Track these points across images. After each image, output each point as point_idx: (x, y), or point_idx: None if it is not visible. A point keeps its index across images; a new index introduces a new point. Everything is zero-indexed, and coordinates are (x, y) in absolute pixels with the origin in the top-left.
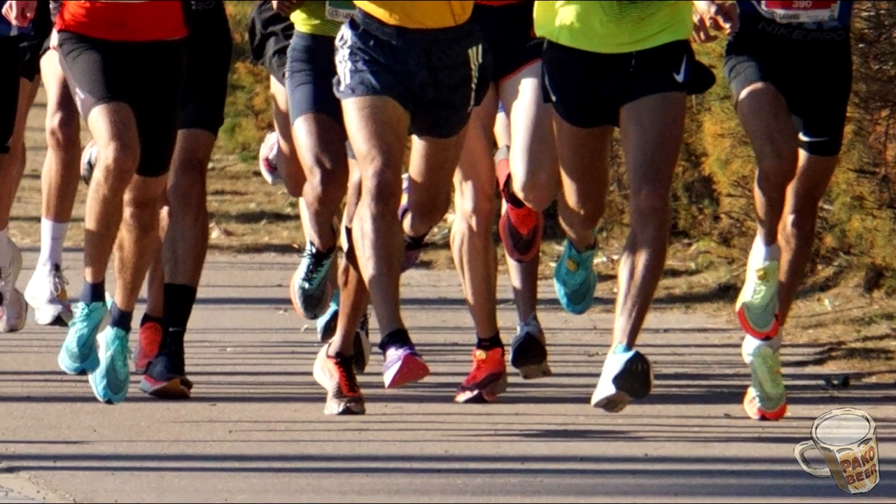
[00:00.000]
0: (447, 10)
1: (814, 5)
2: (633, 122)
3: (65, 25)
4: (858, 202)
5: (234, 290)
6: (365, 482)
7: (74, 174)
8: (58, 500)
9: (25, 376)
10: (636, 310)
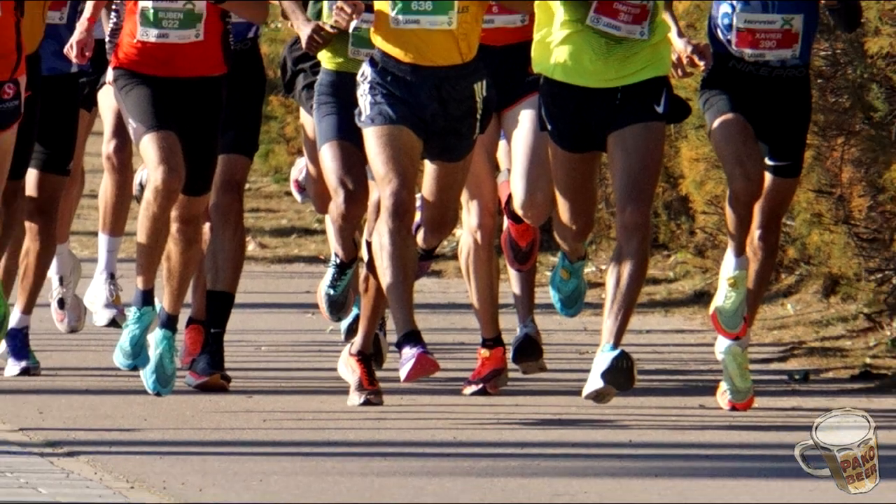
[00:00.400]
0: (455, 49)
1: (778, 45)
2: (619, 148)
3: (119, 63)
4: (817, 219)
5: (267, 297)
6: (383, 465)
7: (127, 194)
8: (113, 481)
9: (84, 372)
10: (621, 313)
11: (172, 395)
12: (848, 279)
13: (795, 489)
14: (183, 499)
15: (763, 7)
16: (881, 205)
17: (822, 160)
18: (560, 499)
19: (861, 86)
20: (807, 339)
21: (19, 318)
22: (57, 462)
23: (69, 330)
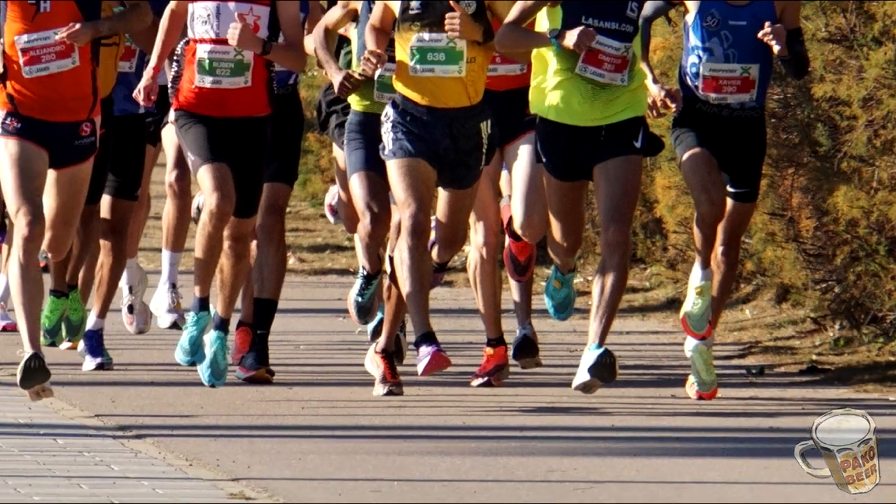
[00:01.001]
0: (464, 94)
1: (738, 90)
2: (603, 178)
3: (179, 105)
4: (771, 237)
5: (305, 303)
6: (403, 446)
7: (187, 216)
8: (174, 460)
9: (150, 367)
10: (605, 317)
11: (225, 386)
12: (797, 288)
13: (753, 466)
14: (233, 475)
15: (725, 58)
16: (825, 225)
17: (776, 188)
18: (553, 475)
19: (808, 125)
20: (762, 339)
21: (95, 322)
22: (127, 443)
23: (137, 331)
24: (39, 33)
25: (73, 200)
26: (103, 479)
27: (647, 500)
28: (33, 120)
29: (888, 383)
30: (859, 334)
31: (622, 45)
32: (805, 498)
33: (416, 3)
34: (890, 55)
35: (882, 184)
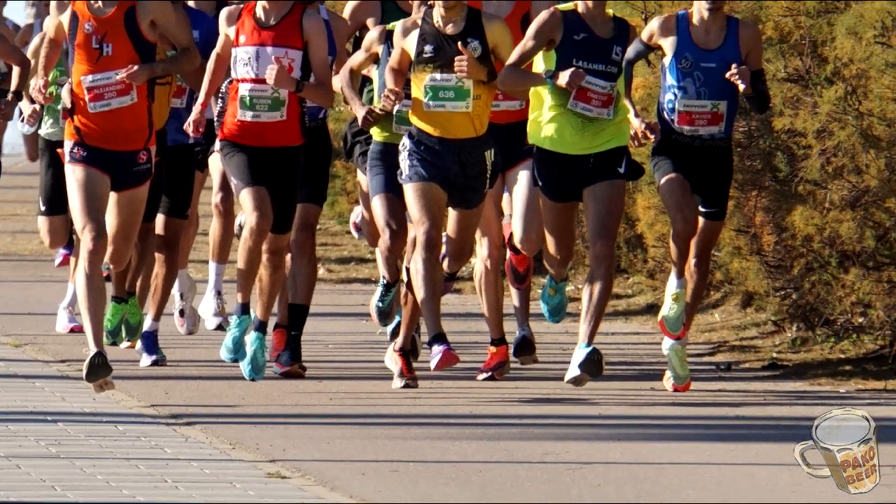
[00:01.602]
0: (471, 126)
1: (708, 123)
2: (592, 199)
3: (224, 136)
4: (737, 251)
5: (333, 308)
6: (419, 431)
7: (230, 233)
8: (219, 444)
9: (198, 363)
10: (593, 320)
11: (263, 380)
12: (759, 295)
13: (721, 449)
14: (270, 457)
15: (697, 95)
16: (784, 241)
17: (741, 208)
18: (548, 457)
19: (769, 153)
20: (729, 339)
21: (150, 324)
22: (178, 430)
23: (187, 332)
24: (103, 74)
25: (132, 219)
26: (157, 460)
27: (629, 478)
28: (97, 149)
29: (839, 377)
30: (814, 335)
31: (608, 84)
32: (767, 476)
33: (429, 47)
34: (840, 93)
35: (833, 204)
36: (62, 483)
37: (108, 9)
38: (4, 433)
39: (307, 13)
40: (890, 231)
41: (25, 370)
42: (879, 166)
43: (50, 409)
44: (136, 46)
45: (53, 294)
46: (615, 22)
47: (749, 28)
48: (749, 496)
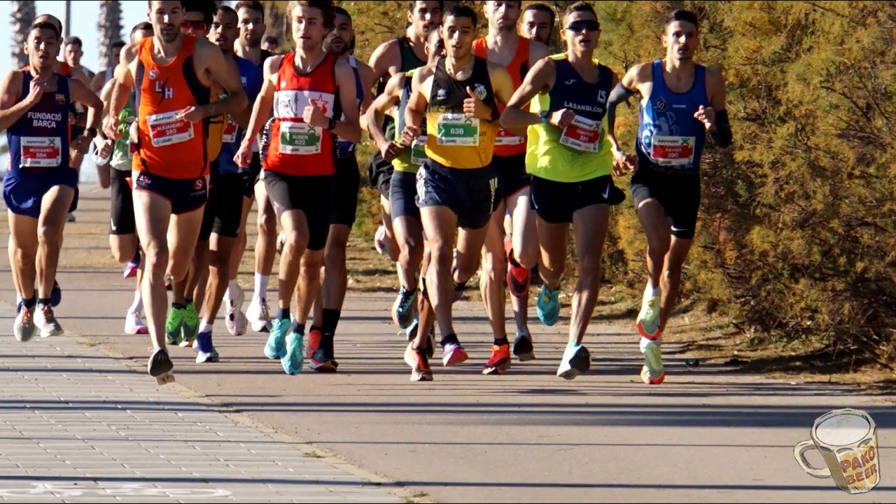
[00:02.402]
0: (477, 158)
1: (679, 156)
2: (580, 220)
3: (267, 167)
4: (704, 264)
5: (360, 312)
6: (432, 417)
7: (273, 248)
8: (264, 428)
9: (246, 359)
10: (581, 323)
11: (301, 374)
12: (723, 302)
13: (690, 433)
14: (307, 439)
15: (670, 132)
16: (744, 255)
17: (707, 227)
18: (543, 440)
19: (731, 181)
20: (697, 339)
21: (205, 326)
22: (229, 416)
23: (237, 333)
24: (165, 114)
25: (189, 237)
26: (211, 442)
27: (612, 457)
28: (160, 178)
29: (790, 372)
30: (769, 336)
31: (594, 123)
32: (728, 456)
33: (442, 91)
34: (791, 130)
35: (785, 225)
36: (130, 461)
37: (169, 58)
38: (81, 419)
39: (338, 62)
40: (833, 247)
41: (99, 366)
42: (825, 192)
43: (119, 399)
44: (193, 90)
45: (123, 301)
46: (600, 69)
47: (714, 74)
48: (713, 473)
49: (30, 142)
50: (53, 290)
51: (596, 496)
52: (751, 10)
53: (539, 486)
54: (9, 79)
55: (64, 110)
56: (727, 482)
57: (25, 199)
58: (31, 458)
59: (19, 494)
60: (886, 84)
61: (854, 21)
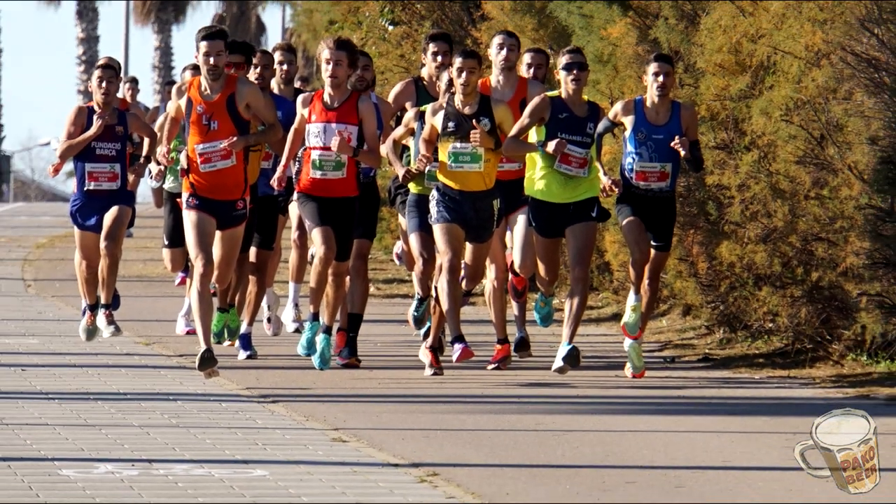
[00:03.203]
0: (482, 182)
1: (658, 180)
2: (572, 236)
3: (300, 189)
4: (679, 274)
5: (381, 316)
6: (443, 407)
7: (304, 260)
8: (297, 416)
9: (280, 357)
10: (573, 325)
11: (329, 370)
12: (696, 306)
13: (666, 421)
14: (334, 426)
15: (650, 159)
16: (714, 267)
17: (682, 242)
18: (540, 427)
19: (703, 202)
20: (673, 339)
21: (245, 328)
22: (266, 406)
23: (273, 334)
24: (210, 143)
25: (232, 251)
26: (250, 428)
27: (599, 442)
28: (206, 199)
29: (755, 367)
30: (736, 336)
31: (584, 151)
32: (702, 441)
33: (451, 123)
34: (755, 157)
35: (750, 240)
36: (180, 445)
37: (214, 95)
38: (138, 409)
39: (361, 98)
40: (792, 259)
41: (153, 362)
42: (784, 212)
43: (171, 391)
44: (235, 123)
45: (174, 306)
46: (589, 104)
47: (688, 109)
48: (687, 455)
49: (93, 168)
50: (114, 297)
51: (586, 476)
52: (720, 52)
53: (536, 467)
54: (75, 113)
55: (123, 140)
56: (699, 463)
57: (89, 217)
58: (94, 443)
59: (84, 474)
60: (838, 117)
61: (810, 63)
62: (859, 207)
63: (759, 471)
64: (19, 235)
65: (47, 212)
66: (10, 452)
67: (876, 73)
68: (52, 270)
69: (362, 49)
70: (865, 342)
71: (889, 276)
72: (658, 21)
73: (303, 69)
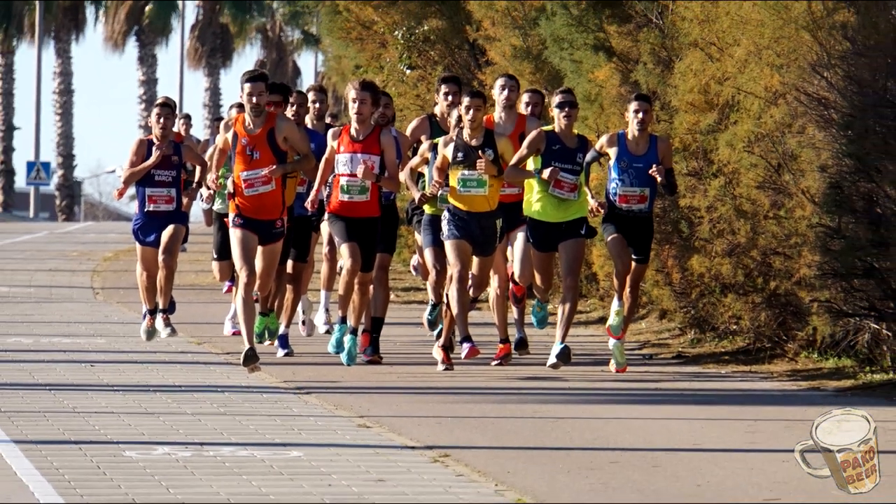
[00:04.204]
0: (487, 204)
1: (638, 202)
2: (563, 250)
3: (330, 210)
4: (656, 283)
5: (399, 319)
6: (454, 397)
7: (334, 271)
8: (327, 405)
9: (314, 354)
10: (565, 327)
11: (355, 365)
12: (671, 311)
13: (644, 410)
14: (360, 413)
15: (631, 184)
16: (686, 277)
17: (659, 256)
18: (536, 414)
19: (676, 221)
20: (651, 339)
21: (283, 329)
22: (301, 397)
23: (307, 335)
24: (253, 171)
25: (272, 263)
26: (288, 416)
27: (587, 428)
28: (249, 218)
29: (721, 363)
30: (705, 336)
31: (574, 178)
32: (676, 426)
33: (460, 154)
34: (722, 183)
35: (717, 254)
36: (228, 430)
37: (256, 129)
38: (190, 399)
39: (383, 132)
40: (753, 271)
41: (204, 359)
42: (746, 230)
43: (219, 384)
44: (275, 153)
45: (221, 311)
46: (578, 137)
47: (664, 141)
48: (663, 439)
49: (152, 192)
50: (170, 303)
51: (576, 456)
52: (691, 93)
53: (533, 449)
54: (136, 145)
55: (178, 168)
56: (673, 445)
57: (149, 234)
58: (153, 428)
59: (144, 455)
60: (792, 149)
61: (768, 102)
62: (811, 226)
63: (725, 452)
64: (89, 250)
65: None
66: (81, 437)
67: (825, 110)
68: (117, 280)
69: (384, 90)
70: (816, 342)
71: (836, 285)
72: (638, 66)
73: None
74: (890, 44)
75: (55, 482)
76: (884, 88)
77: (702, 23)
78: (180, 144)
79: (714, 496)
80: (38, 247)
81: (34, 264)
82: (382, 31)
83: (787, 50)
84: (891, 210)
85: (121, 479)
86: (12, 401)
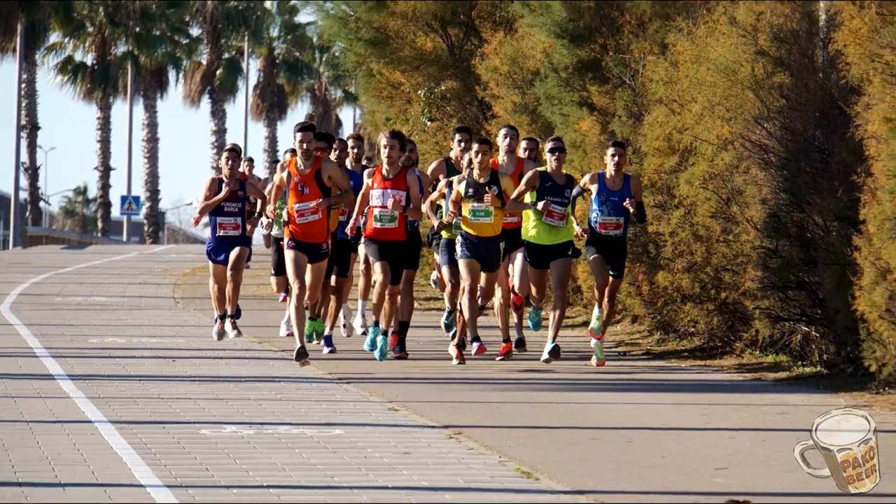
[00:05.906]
0: (492, 230)
1: (614, 229)
2: (554, 268)
3: (366, 235)
4: (629, 294)
5: (422, 323)
6: (464, 386)
7: (369, 284)
8: (363, 393)
9: (352, 351)
10: (555, 329)
11: (385, 361)
12: (641, 317)
13: (621, 397)
14: (389, 399)
15: (609, 214)
16: (653, 289)
17: (631, 272)
18: (531, 400)
19: (645, 244)
20: (625, 339)
21: (328, 331)
22: (342, 386)
23: (347, 336)
24: (304, 203)
25: (319, 278)
26: (331, 401)
27: (575, 412)
28: (301, 242)
29: (681, 359)
30: (668, 337)
31: (563, 209)
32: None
33: (471, 190)
34: (682, 213)
35: (678, 270)
36: (283, 413)
37: (306, 169)
38: (253, 387)
39: (408, 172)
40: (707, 284)
41: (263, 355)
42: (702, 251)
43: (276, 375)
44: (321, 189)
45: (278, 316)
46: (566, 176)
47: (635, 179)
48: (634, 420)
49: (222, 220)
50: (237, 310)
51: (563, 434)
52: (657, 140)
53: (530, 428)
54: (209, 182)
55: (243, 201)
56: (643, 425)
57: (220, 254)
58: (223, 411)
59: (216, 432)
60: (739, 185)
61: (720, 147)
62: (754, 248)
63: (685, 430)
64: (171, 267)
65: (190, 251)
66: (165, 418)
67: (766, 154)
68: (193, 291)
69: (409, 138)
70: (759, 341)
71: (775, 296)
72: (614, 118)
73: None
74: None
75: (143, 454)
76: (813, 137)
77: (666, 84)
78: (245, 182)
79: (676, 466)
80: (130, 265)
81: (127, 279)
82: (408, 90)
83: (734, 105)
84: (818, 235)
85: (197, 452)
86: (108, 389)
